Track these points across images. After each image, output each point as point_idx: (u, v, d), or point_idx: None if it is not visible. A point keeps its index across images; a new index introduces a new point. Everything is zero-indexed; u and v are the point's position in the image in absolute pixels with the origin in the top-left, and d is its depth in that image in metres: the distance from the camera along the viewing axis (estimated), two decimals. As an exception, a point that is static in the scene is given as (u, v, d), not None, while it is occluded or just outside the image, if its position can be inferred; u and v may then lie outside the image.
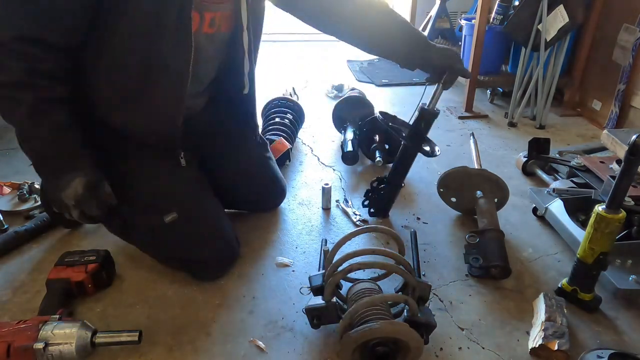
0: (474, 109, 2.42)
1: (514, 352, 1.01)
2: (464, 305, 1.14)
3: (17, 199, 1.51)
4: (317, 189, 1.65)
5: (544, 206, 1.41)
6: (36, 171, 1.05)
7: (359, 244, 1.36)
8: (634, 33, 1.95)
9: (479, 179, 1.40)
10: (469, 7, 3.22)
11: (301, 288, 1.14)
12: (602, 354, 0.94)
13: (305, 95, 2.60)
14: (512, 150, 1.97)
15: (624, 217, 0.98)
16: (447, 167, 1.46)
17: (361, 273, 1.20)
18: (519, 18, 2.11)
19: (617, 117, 2.09)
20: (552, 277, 1.23)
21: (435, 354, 1.01)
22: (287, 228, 1.44)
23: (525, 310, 1.12)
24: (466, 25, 2.46)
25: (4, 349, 0.88)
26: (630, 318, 1.10)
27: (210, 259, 1.19)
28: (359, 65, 3.25)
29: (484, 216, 1.33)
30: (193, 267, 1.19)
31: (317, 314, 0.99)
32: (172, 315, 1.10)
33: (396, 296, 1.03)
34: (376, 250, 1.01)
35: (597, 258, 1.04)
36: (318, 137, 2.11)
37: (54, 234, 1.39)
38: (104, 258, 1.17)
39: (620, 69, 2.04)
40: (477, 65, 2.28)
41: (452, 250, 1.34)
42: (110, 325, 1.07)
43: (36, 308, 1.06)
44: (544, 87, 2.19)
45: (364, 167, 1.84)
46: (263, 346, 1.02)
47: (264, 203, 1.52)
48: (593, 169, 1.45)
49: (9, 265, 1.26)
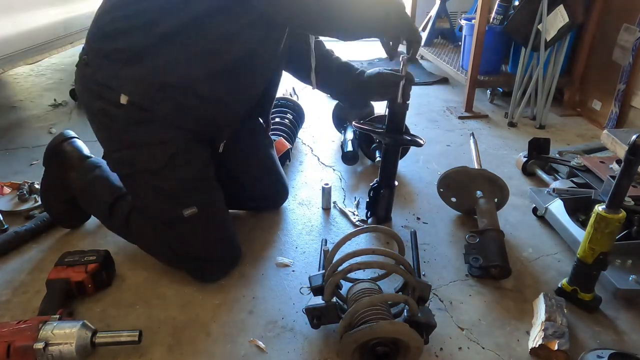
0: (474, 109, 2.42)
1: (514, 352, 1.01)
2: (464, 305, 1.14)
3: (17, 199, 1.52)
4: (317, 189, 1.65)
5: (544, 206, 1.41)
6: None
7: (359, 244, 1.36)
8: (634, 33, 1.95)
9: (479, 179, 1.40)
10: (469, 7, 3.22)
11: (301, 288, 1.14)
12: (602, 354, 0.94)
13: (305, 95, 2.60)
14: (512, 150, 1.97)
15: (624, 217, 0.98)
16: (447, 167, 1.46)
17: (361, 273, 1.20)
18: (519, 18, 2.11)
19: (617, 117, 2.09)
20: (552, 277, 1.23)
21: (435, 354, 1.01)
22: (287, 228, 1.44)
23: (525, 310, 1.12)
24: (466, 25, 2.46)
25: (4, 349, 0.89)
26: (630, 318, 1.10)
27: (216, 259, 1.20)
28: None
29: (484, 216, 1.33)
30: (197, 267, 1.19)
31: (317, 314, 0.99)
32: (172, 315, 1.10)
33: (396, 296, 1.03)
34: (376, 250, 1.01)
35: (597, 258, 1.04)
36: (318, 137, 2.11)
37: (54, 234, 1.39)
38: (104, 258, 1.17)
39: (620, 69, 2.04)
40: (477, 65, 2.28)
41: (452, 250, 1.34)
42: (110, 325, 1.07)
43: (36, 308, 1.06)
44: (544, 87, 2.19)
45: (364, 167, 1.84)
46: (263, 346, 1.02)
47: (269, 202, 1.52)
48: (593, 169, 1.45)
49: (9, 265, 1.26)
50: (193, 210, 1.11)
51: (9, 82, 2.84)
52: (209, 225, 1.17)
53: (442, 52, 2.98)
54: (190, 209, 1.11)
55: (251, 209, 1.51)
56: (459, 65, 2.63)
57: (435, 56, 2.89)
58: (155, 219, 1.17)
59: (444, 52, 2.97)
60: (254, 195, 1.45)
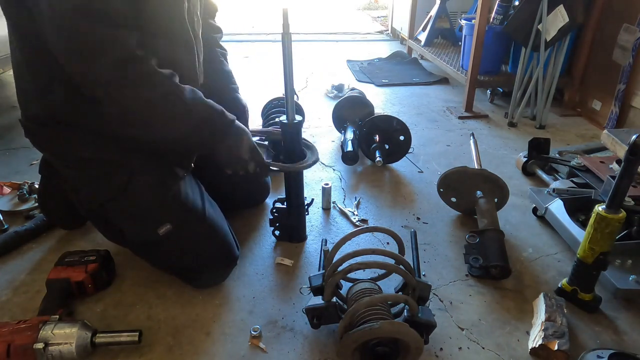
0: (474, 109, 2.42)
1: (514, 352, 1.01)
2: (464, 305, 1.14)
3: (17, 199, 1.51)
4: (317, 189, 1.65)
5: (544, 206, 1.41)
6: (199, 145, 1.09)
7: (359, 244, 1.36)
8: (634, 33, 1.95)
9: (479, 179, 1.40)
10: (469, 7, 3.22)
11: (301, 288, 1.14)
12: (602, 354, 0.94)
13: (305, 95, 2.60)
14: (512, 150, 1.97)
15: (624, 217, 0.98)
16: (447, 167, 1.46)
17: (361, 273, 1.20)
18: (519, 18, 2.12)
19: (617, 117, 2.09)
20: (552, 277, 1.23)
21: (435, 354, 1.01)
22: (287, 228, 1.44)
23: (525, 310, 1.12)
24: (466, 25, 2.46)
25: (4, 349, 0.89)
26: (630, 318, 1.10)
27: (209, 268, 1.17)
28: (359, 65, 3.25)
29: (484, 216, 1.33)
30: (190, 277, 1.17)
31: (317, 314, 0.99)
32: (172, 315, 1.10)
33: (396, 296, 1.03)
34: (376, 250, 1.01)
35: (597, 258, 1.04)
36: (318, 137, 2.11)
37: (54, 234, 1.39)
38: (104, 258, 1.17)
39: (620, 69, 2.04)
40: (477, 65, 2.28)
41: (452, 250, 1.34)
42: (110, 325, 1.07)
43: (36, 308, 1.06)
44: (544, 87, 2.19)
45: (364, 167, 1.84)
46: (263, 346, 1.02)
47: (251, 202, 1.54)
48: (593, 169, 1.45)
49: (9, 265, 1.26)
50: (167, 227, 1.08)
51: (9, 82, 2.84)
52: (191, 237, 1.13)
53: (442, 52, 2.99)
54: (164, 226, 1.08)
55: (235, 207, 1.47)
56: (459, 65, 2.63)
57: (435, 56, 2.89)
58: (135, 241, 1.14)
59: (444, 52, 2.97)
60: (234, 196, 1.43)
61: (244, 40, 4.01)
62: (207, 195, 1.22)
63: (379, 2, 5.92)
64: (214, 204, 1.23)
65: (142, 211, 1.09)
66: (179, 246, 1.12)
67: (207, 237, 1.15)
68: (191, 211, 1.13)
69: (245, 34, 4.26)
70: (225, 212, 1.25)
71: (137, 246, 1.17)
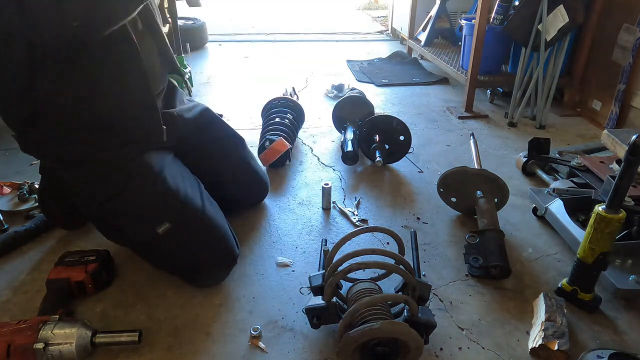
0: (474, 109, 2.42)
1: (514, 352, 1.01)
2: (464, 305, 1.14)
3: (17, 199, 1.51)
4: (317, 189, 1.65)
5: (544, 206, 1.41)
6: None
7: (359, 244, 1.36)
8: (634, 33, 1.95)
9: (479, 179, 1.40)
10: (469, 7, 3.22)
11: (301, 288, 1.14)
12: (602, 354, 0.94)
13: (305, 95, 2.60)
14: (512, 150, 1.97)
15: (624, 217, 0.98)
16: (447, 167, 1.46)
17: (361, 273, 1.20)
18: (519, 18, 2.11)
19: (617, 117, 2.09)
20: (552, 277, 1.23)
21: (435, 354, 1.01)
22: (287, 228, 1.44)
23: (525, 310, 1.12)
24: (466, 25, 2.46)
25: (4, 349, 0.89)
26: (630, 318, 1.10)
27: (208, 267, 1.17)
28: (359, 65, 3.25)
29: (484, 216, 1.33)
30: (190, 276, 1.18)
31: (317, 314, 0.99)
32: (172, 315, 1.10)
33: (396, 296, 1.03)
34: (376, 250, 1.01)
35: (597, 258, 1.04)
36: (318, 137, 2.11)
37: (54, 234, 1.39)
38: (104, 258, 1.17)
39: (620, 69, 2.04)
40: (477, 65, 2.28)
41: (452, 250, 1.34)
42: (110, 325, 1.07)
43: (36, 308, 1.06)
44: (544, 87, 2.19)
45: (364, 167, 1.84)
46: (263, 346, 1.02)
47: (251, 200, 1.53)
48: (593, 169, 1.45)
49: (9, 265, 1.26)
50: (166, 226, 1.08)
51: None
52: (190, 236, 1.13)
53: (442, 52, 2.98)
54: (163, 225, 1.08)
55: (234, 207, 1.46)
56: (459, 65, 2.63)
57: (435, 56, 2.89)
58: (135, 241, 1.15)
59: (444, 52, 2.97)
60: (234, 195, 1.43)
61: (244, 40, 4.01)
62: (206, 194, 1.22)
63: (379, 2, 5.91)
64: (214, 203, 1.23)
65: (141, 210, 1.09)
66: (179, 245, 1.12)
67: (206, 235, 1.15)
68: (190, 209, 1.13)
69: (245, 34, 4.26)
70: (225, 212, 1.25)
71: (137, 245, 1.17)
